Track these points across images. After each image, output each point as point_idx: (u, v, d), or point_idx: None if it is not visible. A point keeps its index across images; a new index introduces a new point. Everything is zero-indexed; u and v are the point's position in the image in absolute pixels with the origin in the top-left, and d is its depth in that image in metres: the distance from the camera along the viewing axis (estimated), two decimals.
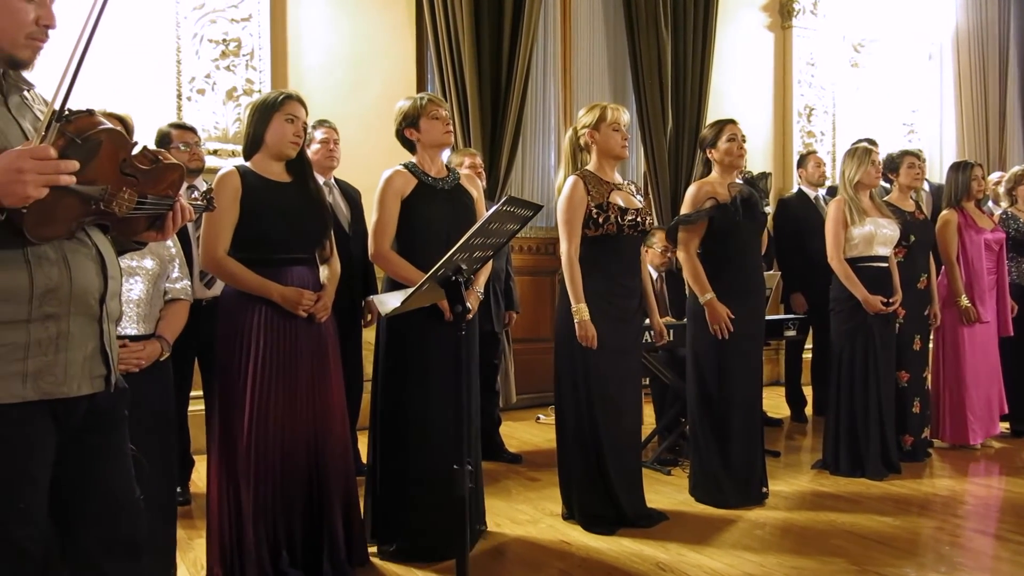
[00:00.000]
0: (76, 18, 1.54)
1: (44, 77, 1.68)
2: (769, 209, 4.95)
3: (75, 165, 1.46)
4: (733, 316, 3.68)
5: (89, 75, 1.48)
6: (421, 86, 5.64)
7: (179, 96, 4.78)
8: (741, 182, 3.86)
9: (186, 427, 3.83)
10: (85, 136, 1.50)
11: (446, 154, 4.46)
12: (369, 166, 4.00)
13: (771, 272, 5.54)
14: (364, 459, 4.16)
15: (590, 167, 3.49)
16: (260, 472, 2.73)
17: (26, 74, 1.67)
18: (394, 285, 3.10)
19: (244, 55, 4.94)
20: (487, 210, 2.74)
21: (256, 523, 2.73)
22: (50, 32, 1.62)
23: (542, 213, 2.57)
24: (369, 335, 4.42)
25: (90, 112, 1.55)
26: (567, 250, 3.37)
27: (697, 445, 3.82)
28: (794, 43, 7.24)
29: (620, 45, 6.57)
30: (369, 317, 4.24)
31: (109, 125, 1.56)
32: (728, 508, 3.68)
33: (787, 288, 5.65)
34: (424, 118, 3.16)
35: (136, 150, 1.61)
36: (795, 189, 6.26)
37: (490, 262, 3.23)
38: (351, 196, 4.22)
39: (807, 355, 5.74)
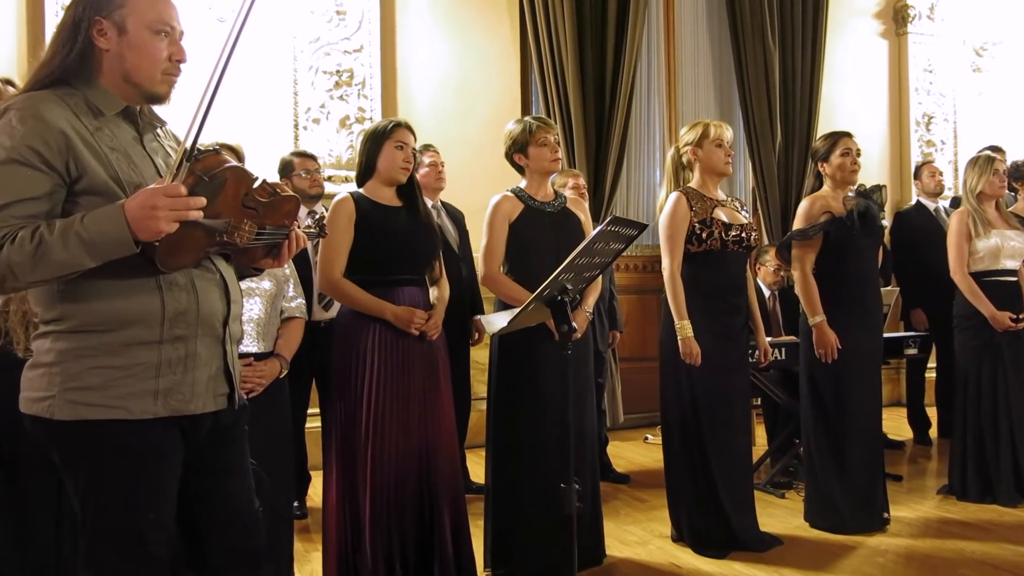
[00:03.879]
0: (203, 52, 1.64)
1: (173, 112, 1.80)
2: (885, 222, 4.76)
3: (203, 202, 1.55)
4: (841, 347, 3.56)
5: (214, 108, 1.57)
6: (526, 109, 5.70)
7: (296, 125, 5.01)
8: (854, 196, 3.73)
9: (303, 444, 3.97)
10: (212, 174, 1.60)
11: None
12: (477, 188, 4.07)
13: (889, 288, 5.33)
14: (472, 478, 4.22)
15: (693, 184, 3.47)
16: (377, 486, 2.80)
17: (158, 109, 1.79)
18: (505, 306, 3.16)
19: (356, 85, 5.13)
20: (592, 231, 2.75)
21: (373, 537, 2.79)
22: (182, 66, 1.74)
23: (647, 231, 2.56)
24: (477, 354, 4.50)
25: (216, 151, 1.65)
26: (668, 266, 3.35)
27: (812, 467, 3.70)
28: (910, 50, 6.98)
29: (726, 59, 6.48)
30: (476, 336, 4.30)
31: (234, 163, 1.67)
32: (846, 534, 3.54)
33: (907, 304, 5.42)
34: (533, 145, 3.19)
35: (256, 184, 1.70)
36: (913, 201, 6.02)
37: (598, 282, 3.24)
38: (457, 218, 4.31)
39: (930, 374, 5.48)
